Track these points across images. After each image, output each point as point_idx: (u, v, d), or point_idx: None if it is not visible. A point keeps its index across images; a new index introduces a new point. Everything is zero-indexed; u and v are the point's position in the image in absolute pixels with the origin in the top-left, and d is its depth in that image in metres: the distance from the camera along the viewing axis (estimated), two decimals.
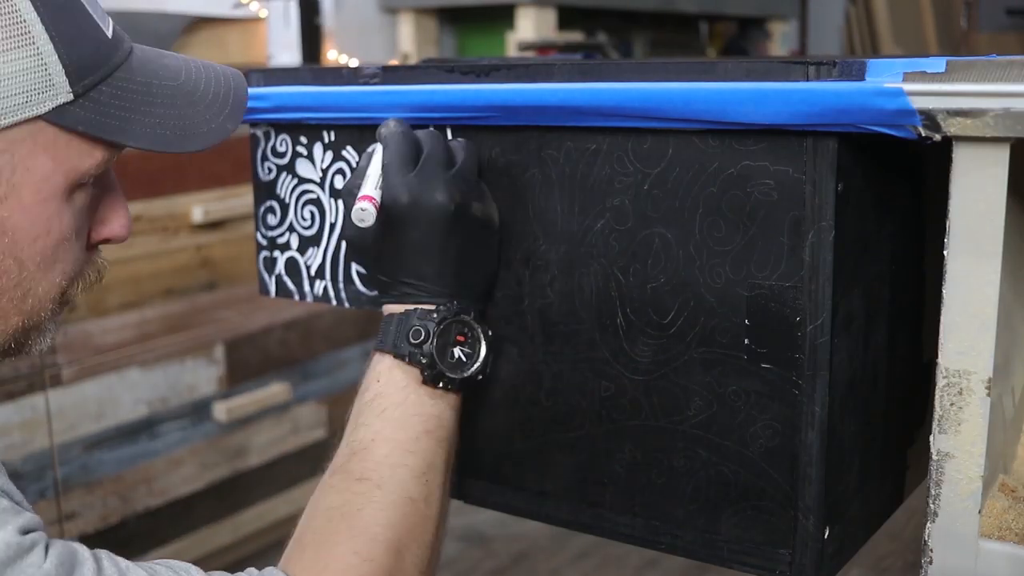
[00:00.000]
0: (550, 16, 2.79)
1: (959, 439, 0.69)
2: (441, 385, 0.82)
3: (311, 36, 2.73)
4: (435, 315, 0.82)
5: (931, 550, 0.71)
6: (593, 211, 0.81)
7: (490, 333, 0.85)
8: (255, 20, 2.55)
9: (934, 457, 0.70)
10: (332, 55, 2.75)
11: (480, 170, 0.86)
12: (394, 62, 2.72)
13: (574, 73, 0.79)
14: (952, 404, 0.69)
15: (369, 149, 0.86)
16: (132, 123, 0.68)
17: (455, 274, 0.83)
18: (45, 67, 0.63)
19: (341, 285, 0.97)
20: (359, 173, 0.84)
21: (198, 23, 2.38)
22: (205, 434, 2.05)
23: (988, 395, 0.68)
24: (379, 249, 0.84)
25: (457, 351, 0.83)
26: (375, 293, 0.93)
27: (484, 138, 0.86)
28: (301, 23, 2.71)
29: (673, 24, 3.44)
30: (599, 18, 3.07)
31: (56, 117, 0.64)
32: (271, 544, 2.20)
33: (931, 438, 0.70)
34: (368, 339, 2.41)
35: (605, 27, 3.08)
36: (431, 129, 0.85)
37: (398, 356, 0.82)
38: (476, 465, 0.92)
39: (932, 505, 0.71)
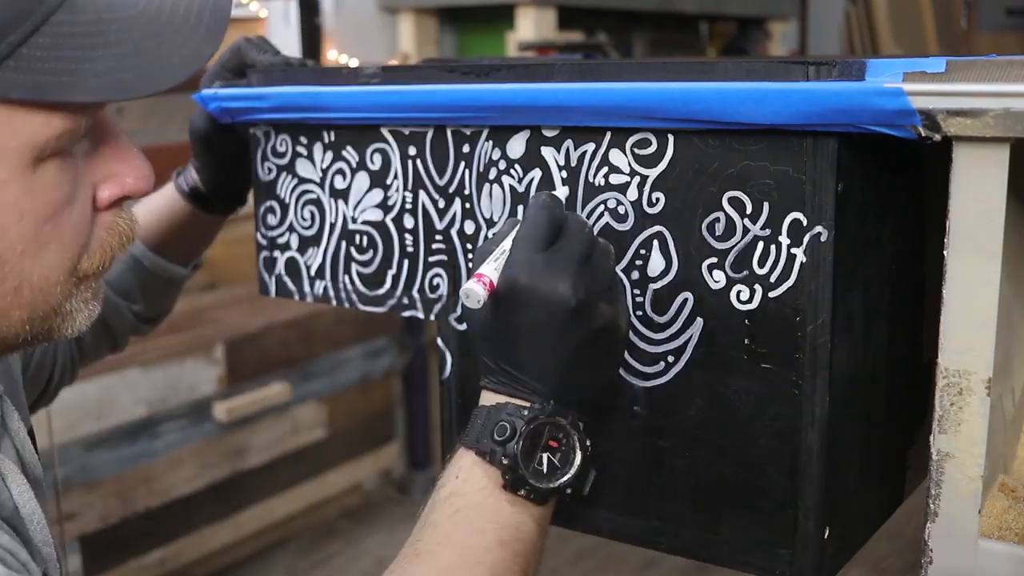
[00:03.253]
0: (550, 16, 2.80)
1: (959, 439, 0.69)
2: (523, 493, 0.72)
3: (311, 36, 2.73)
4: (527, 412, 0.72)
5: (931, 550, 0.71)
6: (593, 211, 0.81)
7: (589, 446, 0.74)
8: (255, 20, 2.55)
9: (934, 457, 0.70)
10: (332, 55, 2.75)
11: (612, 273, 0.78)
12: (394, 62, 2.73)
13: (574, 73, 0.79)
14: (952, 404, 0.69)
15: (512, 218, 0.79)
16: (80, 75, 0.58)
17: (561, 373, 0.73)
18: None
19: (341, 285, 0.97)
20: (494, 239, 0.76)
21: None
22: (205, 434, 2.05)
23: (988, 395, 0.68)
24: (488, 327, 0.74)
25: (546, 457, 0.72)
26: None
27: (483, 139, 0.86)
28: (301, 23, 2.71)
29: (673, 24, 3.44)
30: (599, 18, 3.07)
31: None
32: (271, 544, 2.20)
33: (931, 438, 0.70)
34: (368, 339, 2.41)
35: (605, 27, 3.09)
36: (581, 216, 0.77)
37: (480, 453, 0.73)
38: None
39: (932, 505, 0.71)
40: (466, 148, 0.87)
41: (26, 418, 0.78)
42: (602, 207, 0.81)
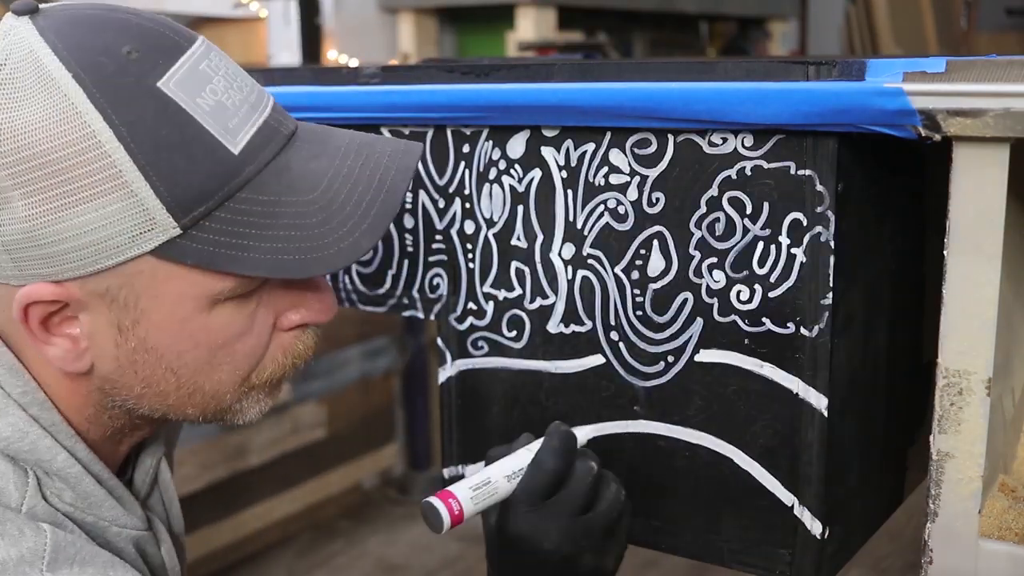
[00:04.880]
0: (550, 16, 2.80)
1: (959, 439, 0.69)
2: None
3: (311, 36, 2.73)
4: None
5: (931, 550, 0.71)
6: (593, 211, 0.81)
7: None
8: (255, 20, 2.55)
9: (934, 457, 0.70)
10: (332, 55, 2.75)
11: (621, 516, 0.78)
12: (394, 62, 2.72)
13: (574, 73, 0.79)
14: (952, 404, 0.69)
15: (529, 445, 0.78)
16: (249, 250, 0.66)
17: None
18: (144, 207, 0.63)
19: (341, 285, 0.97)
20: (503, 455, 0.79)
21: (198, 23, 2.38)
22: (205, 434, 2.05)
23: (988, 395, 0.68)
24: (495, 554, 0.78)
25: None
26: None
27: (484, 139, 0.86)
28: (301, 23, 2.71)
29: (673, 24, 3.44)
30: (599, 18, 3.07)
31: (165, 252, 0.65)
32: (271, 544, 2.20)
33: (931, 438, 0.70)
34: (368, 339, 2.41)
35: (605, 27, 3.09)
36: (591, 461, 0.77)
37: None
38: (476, 465, 0.92)
39: (932, 505, 0.71)
40: (466, 148, 0.87)
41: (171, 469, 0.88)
42: (602, 207, 0.81)
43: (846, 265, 0.74)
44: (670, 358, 0.80)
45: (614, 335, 0.82)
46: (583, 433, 0.80)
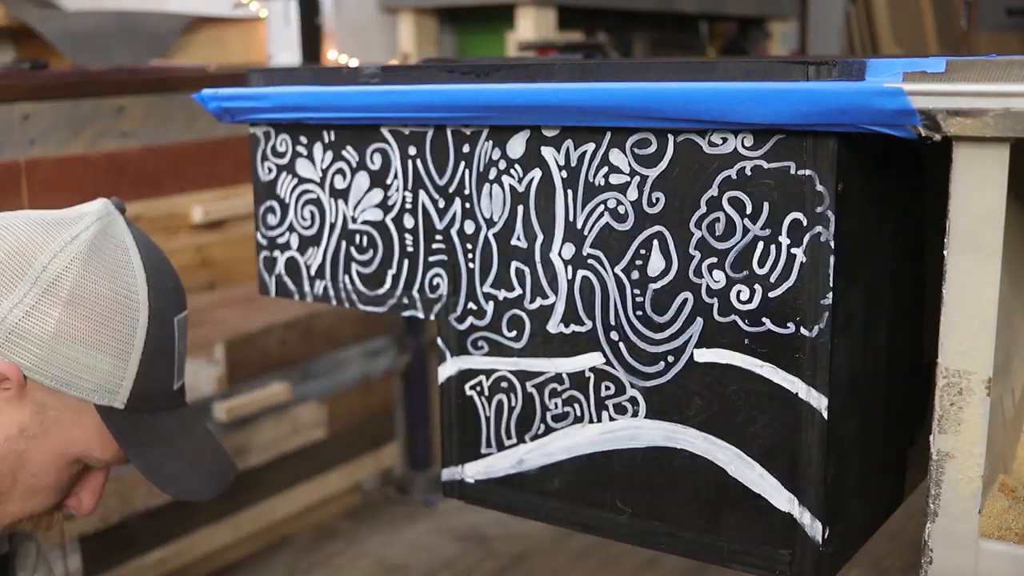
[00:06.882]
0: (550, 16, 2.79)
1: (959, 439, 0.69)
2: None
3: (311, 36, 2.73)
4: None
5: (931, 550, 0.71)
6: (593, 211, 0.81)
7: None
8: (255, 20, 2.55)
9: (934, 457, 0.70)
10: (332, 55, 2.75)
11: None
12: (394, 62, 2.73)
13: (574, 73, 0.79)
14: (952, 404, 0.69)
15: None
16: (144, 448, 0.86)
17: None
18: (121, 380, 0.83)
19: (341, 285, 0.97)
20: None
21: (198, 23, 2.38)
22: None
23: (988, 395, 0.68)
24: None
25: None
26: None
27: (484, 139, 0.86)
28: (301, 23, 2.71)
29: (673, 24, 3.44)
30: (599, 18, 3.07)
31: (103, 411, 0.83)
32: (271, 544, 2.20)
33: (931, 438, 0.70)
34: (368, 339, 2.41)
35: (605, 27, 3.09)
36: None
37: None
38: (476, 465, 0.92)
39: (932, 505, 0.71)
40: (466, 148, 0.87)
41: None
42: (602, 207, 0.81)
43: (846, 265, 0.74)
44: (670, 358, 0.80)
45: (614, 335, 0.82)
46: None
